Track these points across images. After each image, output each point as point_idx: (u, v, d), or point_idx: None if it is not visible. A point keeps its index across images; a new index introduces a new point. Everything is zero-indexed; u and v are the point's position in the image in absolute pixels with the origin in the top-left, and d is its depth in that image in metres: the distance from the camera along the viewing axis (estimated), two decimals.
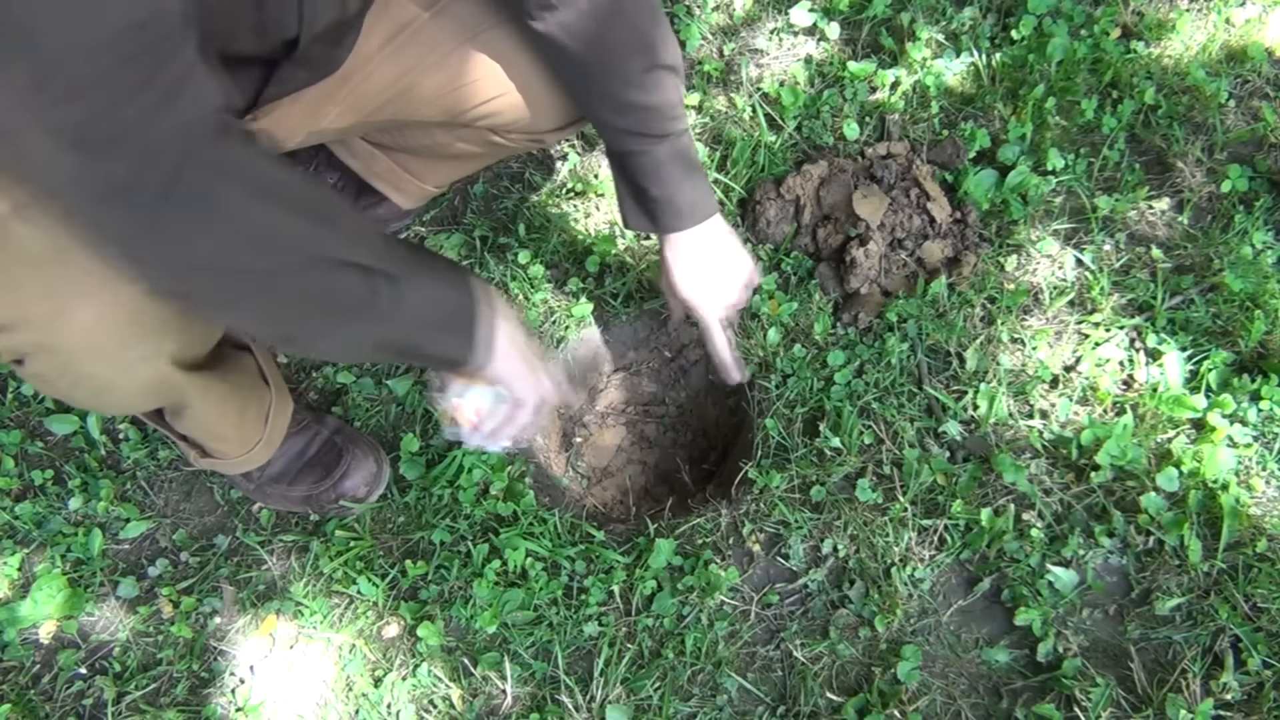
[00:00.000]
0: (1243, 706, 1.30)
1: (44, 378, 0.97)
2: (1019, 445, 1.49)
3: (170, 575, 1.43)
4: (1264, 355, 1.56)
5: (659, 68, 1.19)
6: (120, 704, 1.34)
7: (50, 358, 0.93)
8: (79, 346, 0.93)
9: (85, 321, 0.90)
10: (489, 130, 1.31)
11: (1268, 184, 1.75)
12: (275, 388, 1.34)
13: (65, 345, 0.92)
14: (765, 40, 1.89)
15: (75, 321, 0.90)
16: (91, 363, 0.95)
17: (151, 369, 1.01)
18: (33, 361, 0.94)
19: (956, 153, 1.71)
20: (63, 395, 1.05)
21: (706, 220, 1.35)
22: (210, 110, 0.76)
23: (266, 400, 1.32)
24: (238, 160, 0.80)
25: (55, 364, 0.94)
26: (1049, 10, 1.88)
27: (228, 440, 1.30)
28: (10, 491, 1.48)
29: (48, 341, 0.92)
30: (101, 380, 0.99)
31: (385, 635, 1.38)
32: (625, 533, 1.47)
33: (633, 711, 1.31)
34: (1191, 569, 1.39)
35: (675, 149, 1.26)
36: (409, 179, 1.53)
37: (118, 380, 1.00)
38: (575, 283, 1.63)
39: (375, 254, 0.94)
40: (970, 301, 1.59)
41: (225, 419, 1.26)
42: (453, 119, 1.28)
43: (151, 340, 0.98)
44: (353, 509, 1.43)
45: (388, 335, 0.99)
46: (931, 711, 1.32)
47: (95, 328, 0.91)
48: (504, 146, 1.37)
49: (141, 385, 1.03)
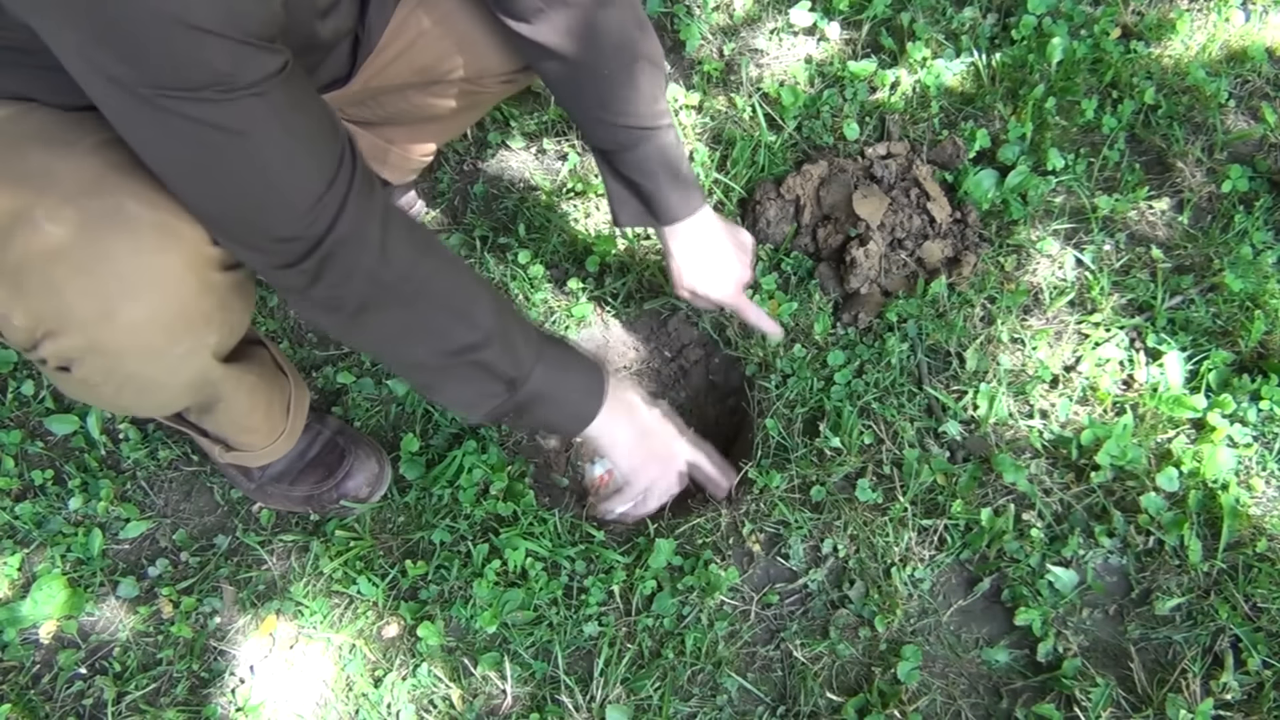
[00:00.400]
0: (1243, 706, 1.30)
1: (90, 382, 0.96)
2: (1019, 445, 1.49)
3: (170, 575, 1.43)
4: (1264, 355, 1.56)
5: (644, 60, 1.20)
6: (120, 704, 1.34)
7: (99, 360, 0.93)
8: (128, 346, 0.92)
9: (134, 319, 0.90)
10: (463, 81, 1.31)
11: (1268, 184, 1.75)
12: (293, 379, 1.34)
13: (114, 345, 0.92)
14: (765, 40, 1.89)
15: (123, 320, 0.89)
16: (139, 362, 0.95)
17: (197, 363, 1.01)
18: (80, 366, 0.93)
19: (956, 153, 1.71)
20: (107, 402, 1.05)
21: (701, 208, 1.36)
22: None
23: (287, 391, 1.32)
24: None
25: (103, 367, 0.94)
26: (1049, 10, 1.88)
27: (256, 431, 1.30)
28: (10, 491, 1.48)
29: (97, 343, 0.91)
30: (148, 379, 0.98)
31: (385, 635, 1.38)
32: (625, 533, 1.47)
33: (633, 711, 1.31)
34: (1191, 569, 1.39)
35: (665, 141, 1.27)
36: (394, 150, 1.51)
37: (164, 378, 1.00)
38: (575, 283, 1.63)
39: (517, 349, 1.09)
40: (970, 301, 1.59)
41: (256, 410, 1.26)
42: (424, 78, 1.28)
43: (198, 334, 0.98)
44: (354, 509, 1.43)
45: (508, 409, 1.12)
46: (931, 711, 1.32)
47: (144, 325, 0.91)
48: (482, 95, 1.37)
49: (186, 381, 1.03)
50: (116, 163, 0.88)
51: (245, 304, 1.06)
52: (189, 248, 0.91)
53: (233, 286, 0.99)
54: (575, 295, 1.63)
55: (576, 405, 1.20)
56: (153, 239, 0.88)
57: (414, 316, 1.01)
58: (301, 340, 1.61)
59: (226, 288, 0.98)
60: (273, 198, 0.85)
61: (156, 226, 0.88)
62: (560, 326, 1.62)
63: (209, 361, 1.02)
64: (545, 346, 1.14)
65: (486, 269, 1.64)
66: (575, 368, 1.19)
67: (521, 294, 1.62)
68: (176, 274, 0.90)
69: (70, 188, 0.86)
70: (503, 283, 1.63)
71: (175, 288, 0.91)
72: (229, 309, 1.01)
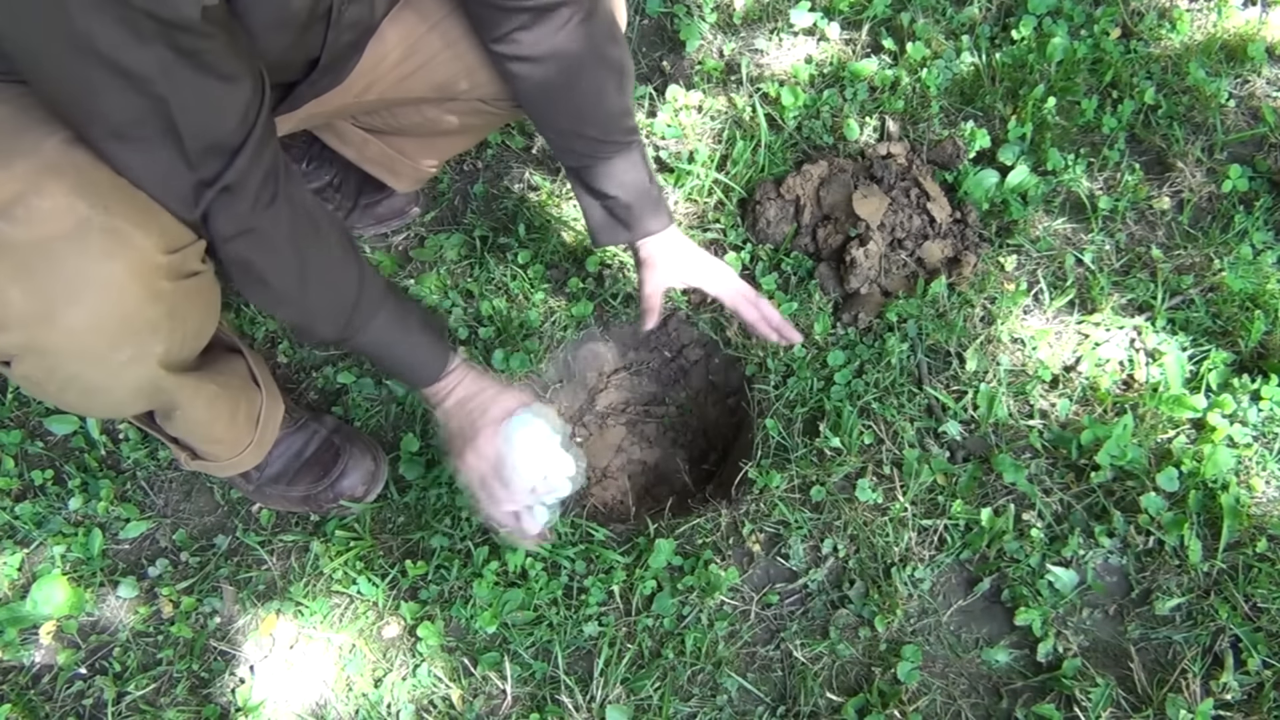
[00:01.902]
0: (1243, 706, 1.30)
1: (32, 379, 0.96)
2: (1019, 445, 1.49)
3: (170, 575, 1.43)
4: (1264, 355, 1.56)
5: (617, 73, 1.22)
6: (120, 704, 1.34)
7: (38, 359, 0.92)
8: (67, 348, 0.92)
9: (74, 324, 0.89)
10: (479, 100, 1.32)
11: (1268, 184, 1.75)
12: (266, 390, 1.33)
13: (53, 347, 0.91)
14: (765, 40, 1.89)
15: (63, 323, 0.89)
16: (79, 365, 0.94)
17: (141, 371, 1.00)
18: (20, 363, 0.93)
19: (956, 153, 1.71)
20: (51, 398, 1.04)
21: (672, 226, 1.38)
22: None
23: (258, 402, 1.32)
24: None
25: (43, 366, 0.93)
26: (1049, 10, 1.88)
27: (220, 442, 1.29)
28: (10, 491, 1.48)
29: (35, 343, 0.90)
30: (90, 382, 0.98)
31: (385, 635, 1.38)
32: (625, 533, 1.47)
33: (633, 711, 1.31)
34: (1191, 569, 1.39)
35: (640, 153, 1.29)
36: (403, 160, 1.52)
37: (107, 382, 0.99)
38: (575, 283, 1.63)
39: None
40: (970, 301, 1.59)
41: (216, 421, 1.25)
42: (441, 94, 1.29)
43: (141, 342, 0.97)
44: (352, 508, 1.43)
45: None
46: (931, 711, 1.32)
47: (84, 330, 0.90)
48: (494, 115, 1.38)
49: (131, 388, 1.02)
50: (76, 164, 0.88)
51: (204, 313, 1.05)
52: (137, 255, 0.91)
53: (187, 294, 0.98)
54: (575, 295, 1.63)
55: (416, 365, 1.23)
56: (101, 243, 0.88)
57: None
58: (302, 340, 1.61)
59: (178, 296, 0.97)
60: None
61: (107, 231, 0.88)
62: (560, 326, 1.62)
63: (155, 370, 1.01)
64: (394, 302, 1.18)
65: (487, 269, 1.64)
66: (419, 330, 1.21)
67: (521, 294, 1.62)
68: (121, 281, 0.90)
69: (24, 183, 0.86)
70: (503, 283, 1.63)
71: (119, 295, 0.90)
72: (180, 318, 1.00)
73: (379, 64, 1.22)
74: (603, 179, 1.30)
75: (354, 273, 1.11)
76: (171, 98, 0.83)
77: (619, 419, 1.78)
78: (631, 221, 1.34)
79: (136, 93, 0.82)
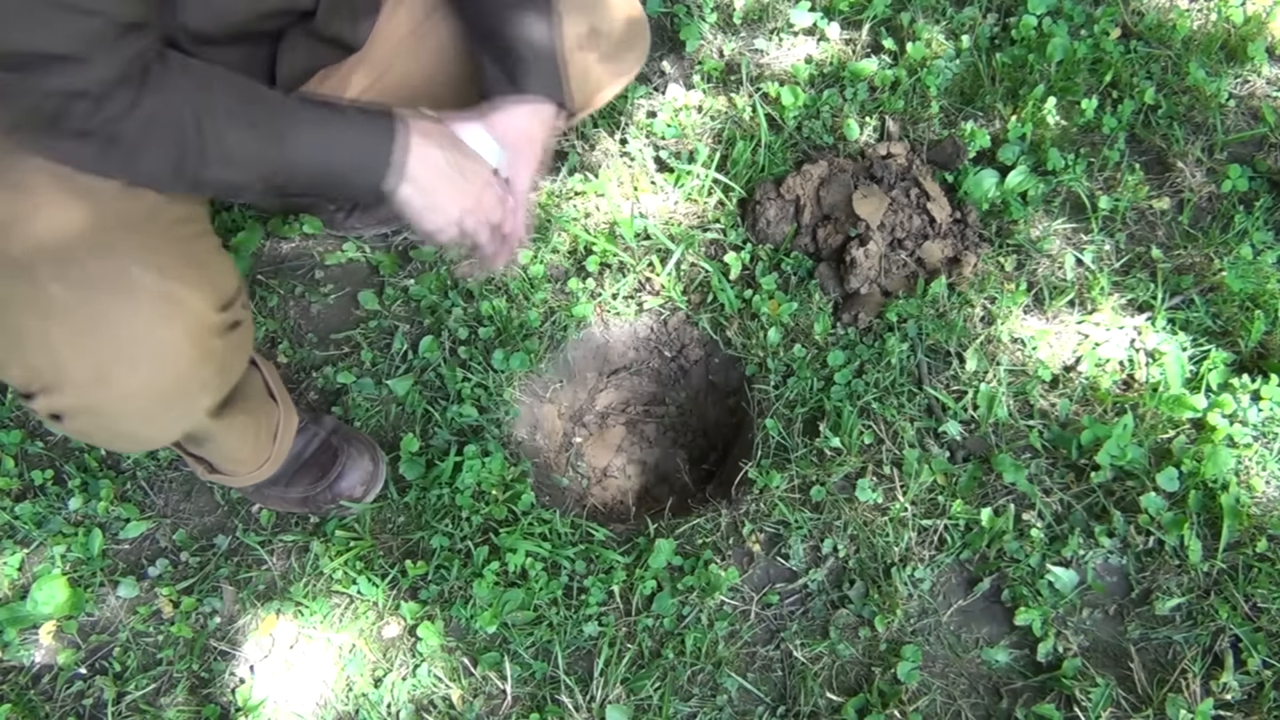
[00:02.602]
0: (1243, 706, 1.30)
1: (82, 433, 0.98)
2: (1019, 445, 1.49)
3: (170, 575, 1.43)
4: (1264, 355, 1.56)
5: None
6: (120, 704, 1.34)
7: (91, 419, 0.94)
8: (121, 411, 0.93)
9: (129, 388, 0.90)
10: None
11: (1268, 184, 1.75)
12: (282, 404, 1.35)
13: (107, 409, 0.92)
14: (765, 40, 1.89)
15: (119, 389, 0.90)
16: (129, 424, 0.96)
17: (189, 422, 1.03)
18: (72, 421, 0.94)
19: (956, 153, 1.71)
20: (98, 444, 1.07)
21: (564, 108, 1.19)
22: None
23: (275, 417, 1.33)
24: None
25: (96, 424, 0.95)
26: (1049, 10, 1.88)
27: (243, 461, 1.31)
28: (10, 491, 1.48)
29: (89, 405, 0.91)
30: (138, 436, 1.00)
31: (385, 635, 1.38)
32: (625, 533, 1.47)
33: (633, 711, 1.31)
34: (1191, 569, 1.39)
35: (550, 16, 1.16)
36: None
37: (155, 435, 1.02)
38: (575, 283, 1.63)
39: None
40: (970, 301, 1.59)
41: (244, 446, 1.27)
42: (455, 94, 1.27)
43: (191, 399, 0.99)
44: (352, 509, 1.43)
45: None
46: (931, 711, 1.32)
47: (139, 394, 0.91)
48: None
49: (177, 435, 1.05)
50: (130, 219, 0.88)
51: (243, 358, 1.07)
52: (192, 318, 0.92)
53: (233, 347, 1.00)
54: (575, 295, 1.63)
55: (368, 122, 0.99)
56: (155, 307, 0.89)
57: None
58: (301, 340, 1.61)
59: (227, 350, 0.98)
60: None
61: (161, 296, 0.89)
62: (560, 326, 1.62)
63: (201, 419, 1.03)
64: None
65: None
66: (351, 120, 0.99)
67: (521, 294, 1.62)
68: (176, 345, 0.91)
69: (79, 244, 0.86)
70: (502, 283, 1.63)
71: (174, 358, 0.91)
72: (228, 370, 1.02)
73: (391, 50, 1.21)
74: (506, 20, 1.13)
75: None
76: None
77: (619, 419, 1.78)
78: (520, 74, 1.14)
79: None
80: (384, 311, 1.61)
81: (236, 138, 0.89)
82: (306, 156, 0.94)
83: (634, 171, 1.73)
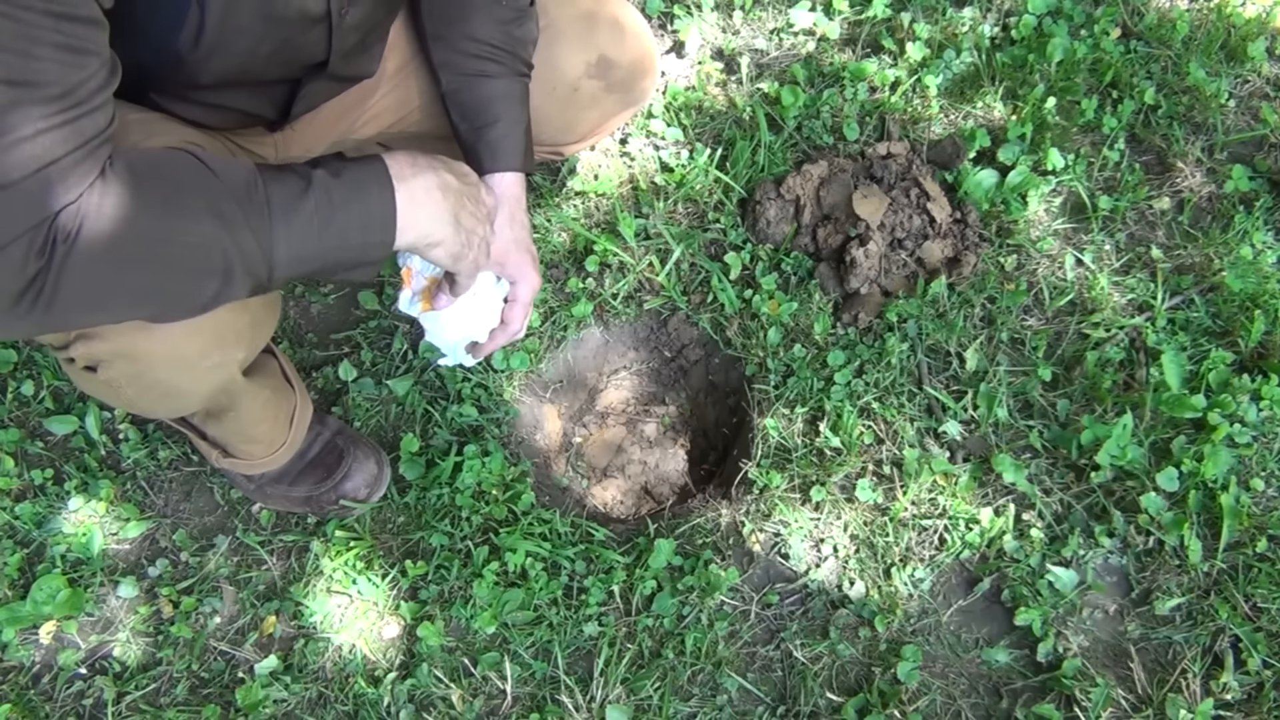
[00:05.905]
0: (1243, 706, 1.30)
1: (114, 384, 0.98)
2: (1019, 445, 1.49)
3: (170, 575, 1.43)
4: (1264, 355, 1.56)
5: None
6: (120, 704, 1.34)
7: (128, 364, 0.94)
8: (160, 355, 0.94)
9: (170, 331, 0.91)
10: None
11: (1268, 184, 1.75)
12: (299, 391, 1.35)
13: (146, 354, 0.93)
14: (765, 40, 1.89)
15: (160, 331, 0.91)
16: (167, 370, 0.97)
17: (223, 375, 1.04)
18: (108, 369, 0.95)
19: (956, 153, 1.71)
20: (125, 402, 1.06)
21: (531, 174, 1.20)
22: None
23: (292, 402, 1.34)
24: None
25: (131, 371, 0.95)
26: (1049, 10, 1.88)
27: (259, 442, 1.31)
28: (10, 491, 1.48)
29: (130, 349, 0.92)
30: (172, 386, 1.00)
31: (385, 635, 1.38)
32: (625, 533, 1.47)
33: (633, 711, 1.31)
34: (1191, 569, 1.39)
35: (526, 89, 1.18)
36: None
37: (189, 386, 1.02)
38: (575, 283, 1.63)
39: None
40: (970, 301, 1.59)
41: (264, 422, 1.28)
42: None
43: (228, 349, 1.00)
44: (353, 509, 1.43)
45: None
46: (931, 711, 1.32)
47: (180, 338, 0.93)
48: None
49: (209, 391, 1.05)
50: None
51: (273, 320, 1.08)
52: None
53: (266, 305, 1.01)
54: (575, 295, 1.63)
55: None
56: None
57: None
58: (301, 340, 1.61)
59: (260, 306, 1.00)
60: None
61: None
62: (560, 326, 1.62)
63: (234, 374, 1.05)
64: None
65: None
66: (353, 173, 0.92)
67: None
68: None
69: None
70: None
71: None
72: (260, 326, 1.03)
73: (395, 76, 1.23)
74: (484, 102, 1.15)
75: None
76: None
77: (619, 419, 1.78)
78: (499, 154, 1.16)
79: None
80: (384, 311, 1.61)
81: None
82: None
83: (634, 171, 1.73)
